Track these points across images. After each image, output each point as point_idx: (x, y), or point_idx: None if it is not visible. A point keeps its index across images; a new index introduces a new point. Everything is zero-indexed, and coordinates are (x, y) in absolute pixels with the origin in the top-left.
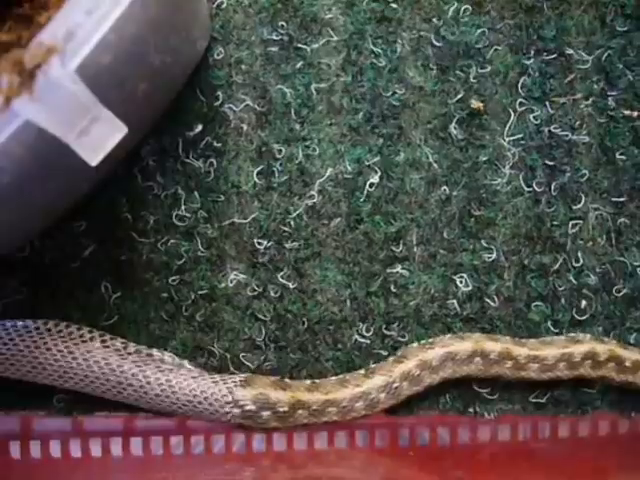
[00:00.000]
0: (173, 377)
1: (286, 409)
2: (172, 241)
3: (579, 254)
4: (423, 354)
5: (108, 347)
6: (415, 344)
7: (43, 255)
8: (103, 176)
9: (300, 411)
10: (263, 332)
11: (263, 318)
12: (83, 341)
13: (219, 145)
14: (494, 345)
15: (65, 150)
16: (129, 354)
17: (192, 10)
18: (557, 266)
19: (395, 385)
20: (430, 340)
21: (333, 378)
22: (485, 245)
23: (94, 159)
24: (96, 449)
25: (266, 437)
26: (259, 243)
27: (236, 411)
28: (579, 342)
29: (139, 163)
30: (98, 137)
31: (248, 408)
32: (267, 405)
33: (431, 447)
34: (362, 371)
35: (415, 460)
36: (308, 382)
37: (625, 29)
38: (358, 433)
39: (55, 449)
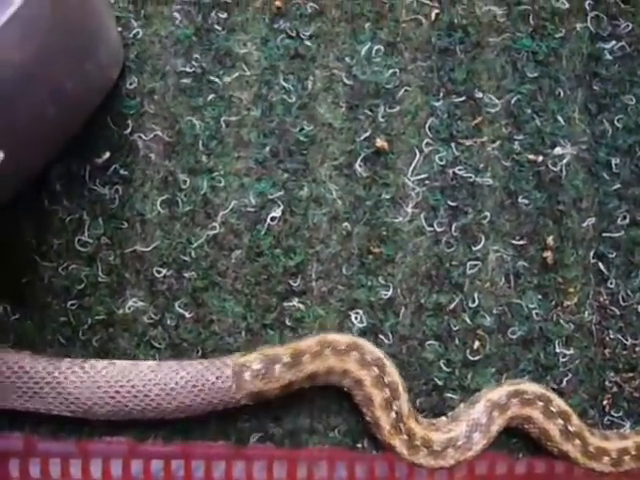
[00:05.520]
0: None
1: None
2: (73, 266)
3: (476, 295)
4: None
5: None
6: None
7: None
8: (9, 196)
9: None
10: (157, 360)
11: (158, 346)
12: None
13: (126, 173)
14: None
15: None
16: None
17: (98, 36)
18: (453, 306)
19: None
20: None
21: None
22: (383, 282)
23: None
24: None
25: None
26: (158, 271)
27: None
28: None
29: (46, 187)
30: None
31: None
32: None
33: None
34: None
35: None
36: None
37: (536, 75)
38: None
39: None
